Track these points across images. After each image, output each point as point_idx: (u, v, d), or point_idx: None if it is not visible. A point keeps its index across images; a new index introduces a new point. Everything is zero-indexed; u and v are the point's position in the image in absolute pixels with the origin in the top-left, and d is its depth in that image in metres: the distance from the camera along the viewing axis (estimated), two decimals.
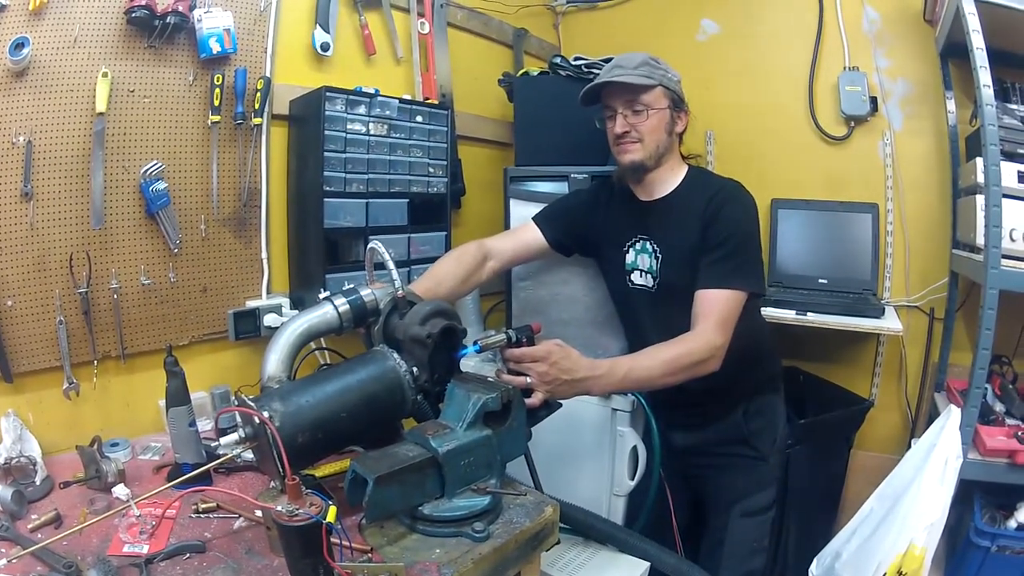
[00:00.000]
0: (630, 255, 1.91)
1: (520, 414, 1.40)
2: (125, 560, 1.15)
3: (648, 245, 1.87)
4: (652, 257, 1.86)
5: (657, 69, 1.79)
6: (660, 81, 1.78)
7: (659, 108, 1.79)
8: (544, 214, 2.01)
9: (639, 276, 1.90)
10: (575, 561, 1.81)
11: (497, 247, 1.92)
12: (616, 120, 1.80)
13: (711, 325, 1.66)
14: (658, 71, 1.79)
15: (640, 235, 1.89)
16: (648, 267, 1.87)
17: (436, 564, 1.15)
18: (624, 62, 1.79)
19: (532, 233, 1.97)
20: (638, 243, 1.90)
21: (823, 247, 2.66)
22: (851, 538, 1.99)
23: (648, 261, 1.87)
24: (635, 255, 1.90)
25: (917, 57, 2.57)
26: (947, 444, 1.86)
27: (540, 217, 2.00)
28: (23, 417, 1.57)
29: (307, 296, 2.03)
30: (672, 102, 1.81)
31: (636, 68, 1.77)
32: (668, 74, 1.81)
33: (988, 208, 1.89)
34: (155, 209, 1.75)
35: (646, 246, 1.88)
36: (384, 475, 1.16)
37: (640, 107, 1.77)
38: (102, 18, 1.64)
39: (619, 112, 1.79)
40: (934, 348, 2.62)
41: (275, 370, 1.36)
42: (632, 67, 1.77)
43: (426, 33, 2.49)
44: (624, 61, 1.80)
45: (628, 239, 1.91)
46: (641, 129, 1.79)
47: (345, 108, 1.99)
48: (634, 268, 1.91)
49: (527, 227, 1.99)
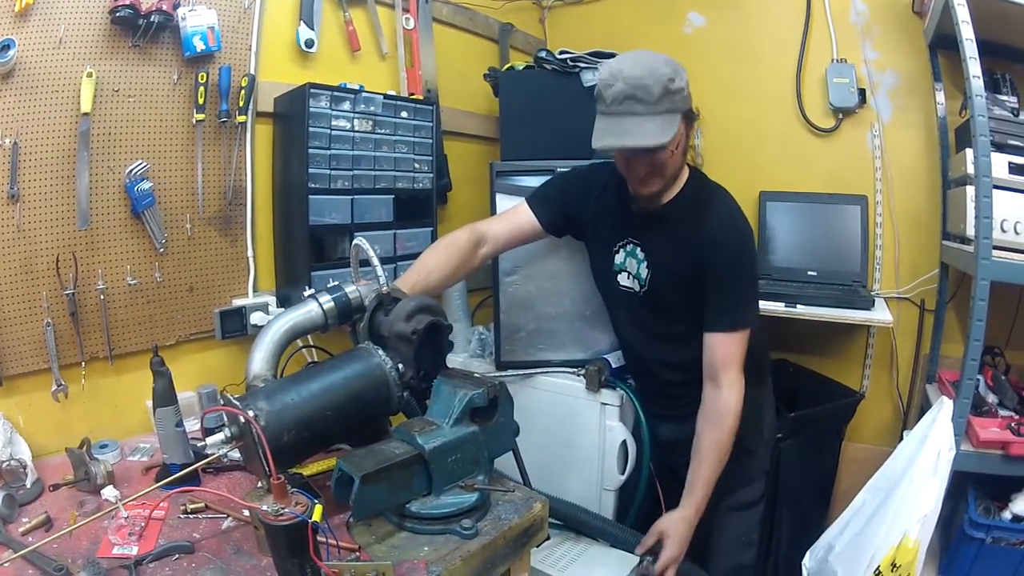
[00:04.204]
0: (619, 256, 1.88)
1: (507, 410, 1.40)
2: (115, 562, 1.16)
3: (638, 251, 1.84)
4: (642, 265, 1.83)
5: (677, 93, 1.57)
6: (682, 110, 1.61)
7: (679, 140, 1.64)
8: (537, 195, 1.97)
9: (627, 278, 1.88)
10: (566, 556, 1.82)
11: (491, 231, 1.88)
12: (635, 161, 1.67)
13: (735, 375, 1.71)
14: (678, 96, 1.58)
15: (632, 239, 1.85)
16: (636, 272, 1.84)
17: (424, 562, 1.16)
18: (640, 92, 1.54)
19: (526, 215, 1.93)
20: (628, 246, 1.86)
21: (812, 239, 2.65)
22: (844, 531, 1.99)
23: (637, 267, 1.84)
24: (624, 257, 1.87)
25: (906, 49, 2.56)
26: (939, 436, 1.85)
27: (533, 199, 1.96)
28: (13, 420, 1.57)
29: (293, 294, 2.03)
30: (686, 120, 1.66)
31: (656, 103, 1.55)
32: (685, 91, 1.61)
33: (978, 199, 1.89)
34: (140, 209, 1.75)
35: (636, 252, 1.84)
36: (370, 473, 1.17)
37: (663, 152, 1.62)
38: (87, 18, 1.64)
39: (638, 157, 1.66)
40: (925, 340, 2.62)
41: (260, 369, 1.36)
42: (652, 102, 1.55)
43: (411, 28, 2.48)
44: (640, 91, 1.54)
45: (619, 240, 1.88)
46: (663, 169, 1.67)
47: (330, 105, 1.98)
48: (622, 270, 1.88)
49: (520, 209, 1.95)
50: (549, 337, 2.24)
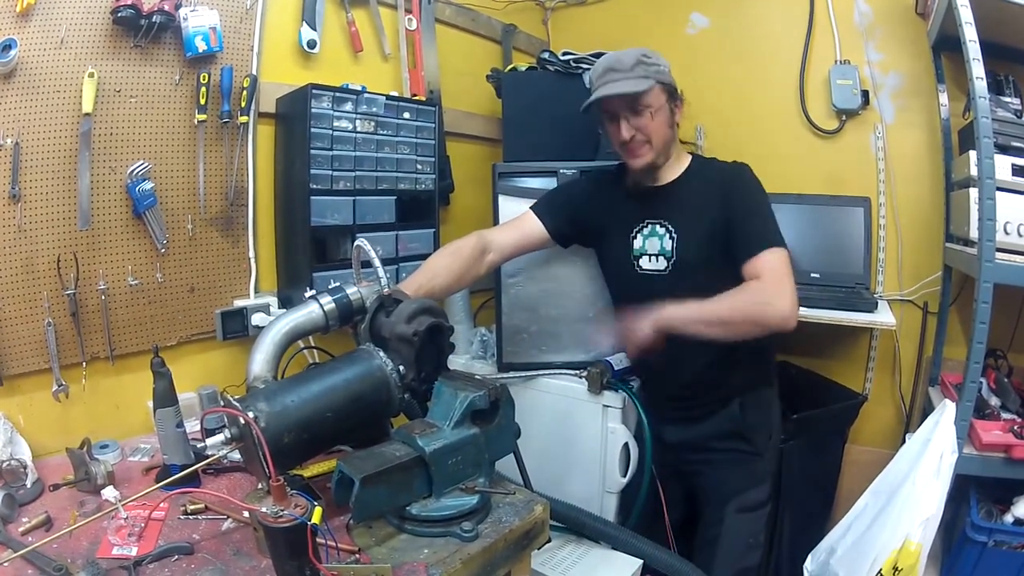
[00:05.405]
0: (638, 240, 1.90)
1: (508, 412, 1.39)
2: (114, 563, 1.15)
3: (658, 228, 1.87)
4: (665, 238, 1.86)
5: (651, 66, 1.77)
6: (656, 78, 1.76)
7: (659, 106, 1.78)
8: (544, 204, 1.99)
9: (648, 261, 1.89)
10: (568, 559, 1.81)
11: (497, 239, 1.90)
12: (620, 125, 1.79)
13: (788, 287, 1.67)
14: (652, 68, 1.77)
15: (649, 219, 1.89)
16: (659, 249, 1.87)
17: (424, 564, 1.15)
18: (617, 64, 1.77)
19: (532, 224, 1.95)
20: (647, 227, 1.89)
21: (815, 241, 2.64)
22: (846, 534, 1.98)
23: (659, 244, 1.87)
24: (643, 240, 1.90)
25: (909, 50, 2.55)
26: (942, 438, 1.84)
27: (540, 207, 1.98)
28: (13, 420, 1.57)
29: (295, 295, 2.02)
30: (669, 95, 1.81)
31: (631, 70, 1.75)
32: (661, 67, 1.80)
33: (982, 201, 1.88)
34: (142, 209, 1.75)
35: (656, 229, 1.88)
36: (370, 475, 1.16)
37: (641, 108, 1.76)
38: (88, 18, 1.64)
39: (621, 117, 1.78)
40: (928, 342, 2.61)
41: (261, 370, 1.36)
42: (626, 69, 1.75)
43: (413, 29, 2.48)
44: (616, 63, 1.77)
45: (635, 224, 1.91)
46: (647, 131, 1.78)
47: (332, 105, 1.98)
48: (642, 253, 1.90)
49: (527, 218, 1.97)
50: (551, 339, 2.24)
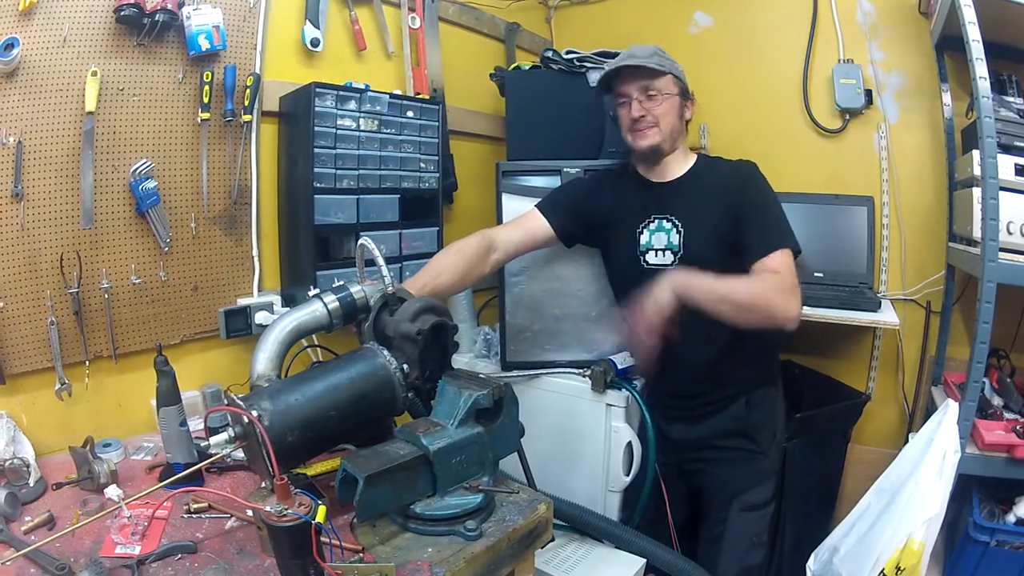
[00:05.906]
0: (644, 235, 1.92)
1: (512, 411, 1.39)
2: (117, 561, 1.15)
3: (665, 223, 1.89)
4: (672, 233, 1.88)
5: (666, 59, 1.88)
6: (670, 70, 1.86)
7: (671, 94, 1.86)
8: (549, 202, 2.00)
9: (655, 255, 1.90)
10: (571, 558, 1.81)
11: (502, 238, 1.91)
12: (631, 105, 1.86)
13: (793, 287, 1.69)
14: (667, 61, 1.88)
15: (656, 214, 1.91)
16: (666, 244, 1.88)
17: (428, 563, 1.15)
18: (636, 51, 1.87)
19: (538, 222, 1.96)
20: (653, 222, 1.91)
21: (818, 241, 2.63)
22: (849, 533, 1.99)
23: (666, 238, 1.88)
24: (650, 235, 1.91)
25: (912, 49, 2.55)
26: (945, 438, 1.84)
27: (545, 206, 1.99)
28: (16, 419, 1.57)
29: (298, 293, 2.01)
30: (680, 90, 1.89)
31: (648, 57, 1.84)
32: (676, 65, 1.90)
33: (985, 201, 1.87)
34: (145, 208, 1.75)
35: (662, 224, 1.89)
36: (374, 474, 1.16)
37: (653, 92, 1.84)
38: (91, 17, 1.64)
39: (634, 98, 1.85)
40: (931, 342, 2.61)
41: (264, 368, 1.35)
42: (645, 56, 1.84)
43: (417, 28, 2.48)
44: (636, 51, 1.87)
45: (642, 219, 1.92)
46: (656, 113, 1.85)
47: (335, 104, 1.98)
48: (649, 248, 1.91)
49: (532, 216, 1.98)
50: (555, 338, 2.24)
